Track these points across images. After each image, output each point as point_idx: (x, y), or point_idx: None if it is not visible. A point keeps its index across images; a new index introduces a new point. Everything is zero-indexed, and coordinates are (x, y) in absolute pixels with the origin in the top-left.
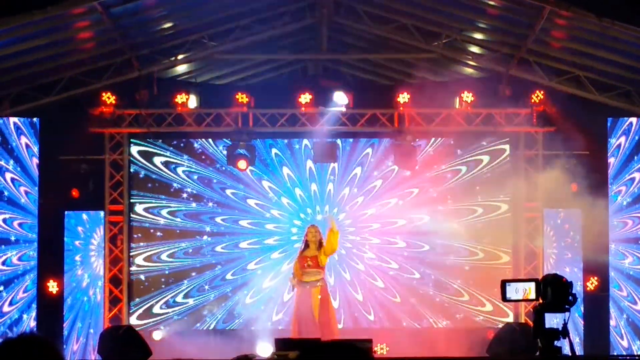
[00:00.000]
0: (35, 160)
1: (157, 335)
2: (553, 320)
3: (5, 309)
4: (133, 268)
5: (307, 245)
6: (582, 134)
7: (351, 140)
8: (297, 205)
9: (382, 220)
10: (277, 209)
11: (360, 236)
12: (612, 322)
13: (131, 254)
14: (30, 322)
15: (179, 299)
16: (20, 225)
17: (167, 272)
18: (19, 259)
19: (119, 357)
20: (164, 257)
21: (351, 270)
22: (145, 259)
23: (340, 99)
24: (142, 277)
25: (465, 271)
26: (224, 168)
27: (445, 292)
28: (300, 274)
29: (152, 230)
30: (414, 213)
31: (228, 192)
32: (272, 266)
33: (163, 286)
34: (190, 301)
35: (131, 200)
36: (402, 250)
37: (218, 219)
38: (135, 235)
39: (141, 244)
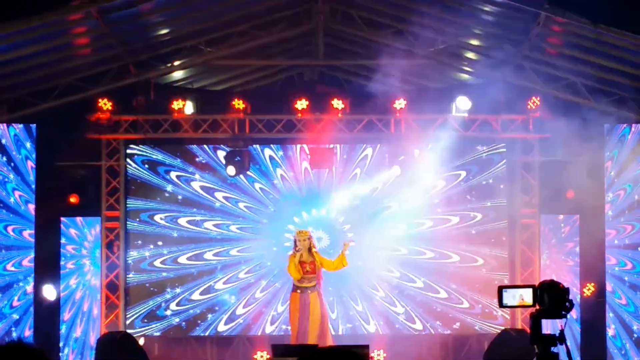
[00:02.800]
0: (32, 166)
1: (153, 341)
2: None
3: (2, 315)
4: (132, 273)
5: (297, 250)
6: (578, 140)
7: (347, 146)
8: (292, 210)
9: (378, 227)
10: (272, 214)
11: (358, 242)
12: (609, 328)
13: (130, 259)
14: (26, 328)
15: (176, 304)
16: (17, 231)
17: (165, 277)
18: (16, 265)
19: None
20: (162, 262)
21: (348, 275)
22: (145, 265)
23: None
24: (141, 282)
25: (461, 277)
26: (219, 174)
27: (441, 298)
28: (299, 280)
29: (150, 237)
30: (409, 220)
31: (223, 197)
32: (267, 273)
33: (162, 292)
34: (188, 306)
35: (128, 207)
36: (398, 256)
37: (214, 225)
38: (136, 242)
39: (139, 249)
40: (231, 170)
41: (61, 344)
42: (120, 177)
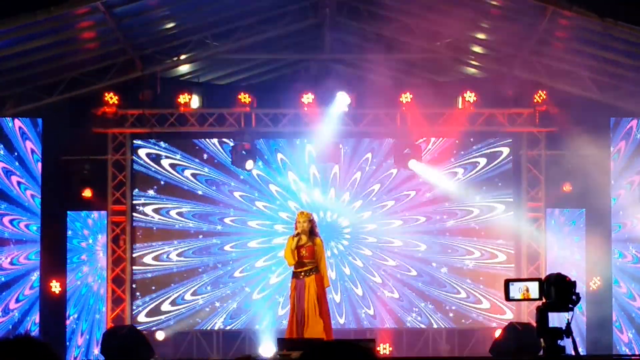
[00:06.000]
0: (38, 161)
1: (160, 335)
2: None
3: (10, 308)
4: (138, 267)
5: (297, 235)
6: (584, 134)
7: (354, 140)
8: (298, 205)
9: (384, 221)
10: (281, 209)
11: (361, 236)
12: (615, 321)
13: (136, 253)
14: (33, 321)
15: (182, 298)
16: (23, 225)
17: (171, 271)
18: (23, 258)
19: (122, 357)
20: (168, 256)
21: (352, 268)
22: (151, 259)
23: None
24: (148, 276)
25: (468, 271)
26: (224, 167)
27: (448, 293)
28: (295, 263)
29: (156, 230)
30: (416, 213)
31: (228, 191)
32: (272, 267)
33: (168, 286)
34: (194, 301)
35: (134, 201)
36: (404, 250)
37: (219, 219)
38: (141, 235)
39: (146, 244)
40: (249, 164)
41: (67, 338)
42: (126, 171)
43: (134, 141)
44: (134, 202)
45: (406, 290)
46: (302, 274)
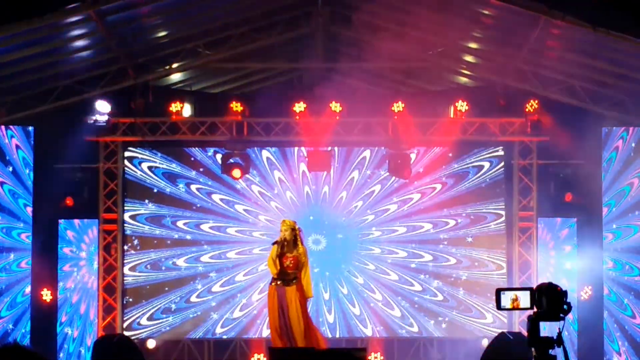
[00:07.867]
0: (30, 169)
1: (151, 343)
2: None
3: (1, 316)
4: (129, 276)
5: (278, 242)
6: (576, 144)
7: (345, 148)
8: (289, 213)
9: (375, 230)
10: (270, 217)
11: (353, 244)
12: (606, 331)
13: (127, 262)
14: (24, 330)
15: (174, 307)
16: (14, 233)
17: (163, 280)
18: (14, 267)
19: None
20: (160, 265)
21: (346, 278)
22: (143, 267)
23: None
24: (138, 285)
25: (459, 280)
26: (216, 176)
27: (439, 301)
28: (277, 272)
29: (149, 239)
30: (405, 223)
31: (220, 200)
32: (264, 275)
33: (159, 294)
34: (186, 309)
35: (125, 209)
36: (396, 260)
37: (211, 228)
38: (133, 243)
39: (137, 252)
40: (236, 172)
41: (58, 346)
42: (117, 180)
43: (126, 150)
44: (126, 210)
45: (398, 299)
46: (281, 282)
